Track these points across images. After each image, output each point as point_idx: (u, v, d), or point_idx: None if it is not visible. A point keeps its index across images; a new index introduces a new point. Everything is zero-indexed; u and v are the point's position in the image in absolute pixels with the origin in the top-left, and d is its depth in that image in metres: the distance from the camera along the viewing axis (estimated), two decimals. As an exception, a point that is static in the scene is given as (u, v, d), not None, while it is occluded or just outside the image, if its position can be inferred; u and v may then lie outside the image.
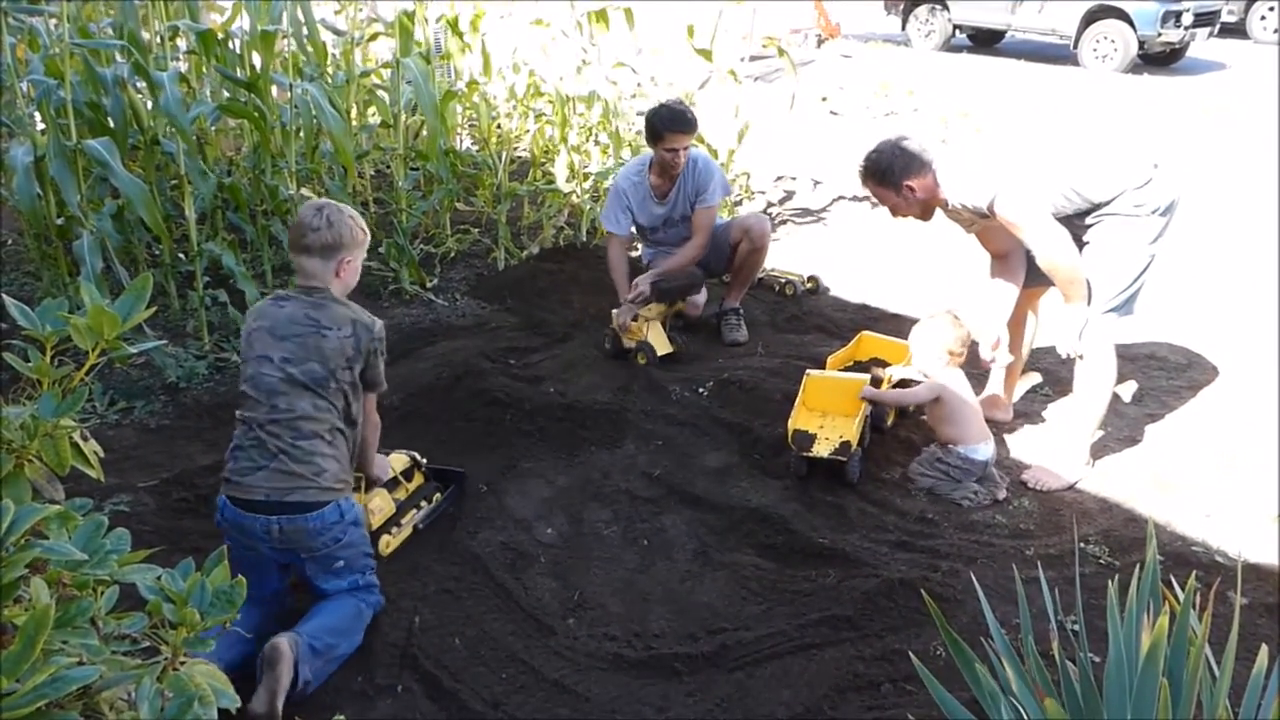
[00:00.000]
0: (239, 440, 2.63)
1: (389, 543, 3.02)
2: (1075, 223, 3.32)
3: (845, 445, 3.39)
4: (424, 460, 3.31)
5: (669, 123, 4.46)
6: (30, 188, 4.07)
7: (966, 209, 3.36)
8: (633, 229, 4.90)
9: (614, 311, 4.51)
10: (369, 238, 2.81)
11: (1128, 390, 4.14)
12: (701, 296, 4.88)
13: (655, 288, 4.43)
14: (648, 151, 4.77)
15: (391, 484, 3.15)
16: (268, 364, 2.62)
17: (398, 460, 3.21)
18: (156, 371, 4.14)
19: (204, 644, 1.26)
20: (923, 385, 3.58)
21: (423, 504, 3.23)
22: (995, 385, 3.98)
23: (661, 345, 4.44)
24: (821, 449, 3.42)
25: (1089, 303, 3.29)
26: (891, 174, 3.41)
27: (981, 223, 3.46)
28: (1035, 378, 4.24)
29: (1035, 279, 3.53)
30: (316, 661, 2.46)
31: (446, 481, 3.38)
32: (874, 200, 4.05)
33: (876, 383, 3.86)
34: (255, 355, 2.65)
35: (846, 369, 4.10)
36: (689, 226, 4.71)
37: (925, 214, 3.52)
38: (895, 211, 3.54)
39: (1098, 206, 3.26)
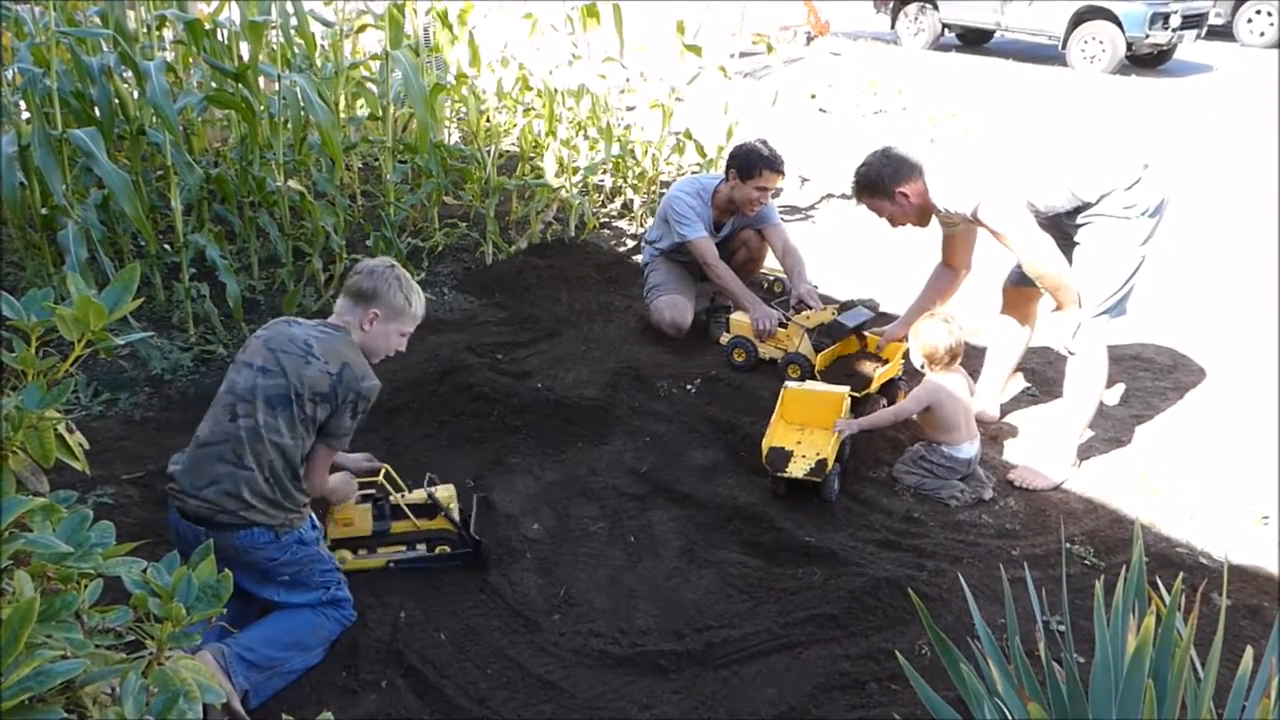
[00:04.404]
0: (191, 452, 2.51)
1: (348, 560, 2.89)
2: (1065, 223, 3.33)
3: (821, 465, 3.28)
4: (457, 514, 2.97)
5: (770, 162, 4.31)
6: (14, 177, 4.03)
7: (952, 214, 3.37)
8: (657, 245, 4.74)
9: (735, 317, 4.29)
10: (411, 310, 2.76)
11: (1114, 392, 4.16)
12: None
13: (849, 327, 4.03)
14: (702, 176, 4.65)
15: (396, 511, 2.94)
16: (247, 370, 2.55)
17: (444, 493, 2.99)
18: (141, 363, 4.11)
19: (189, 638, 1.24)
20: (910, 399, 3.54)
21: (419, 547, 2.98)
22: (983, 387, 3.99)
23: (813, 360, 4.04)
24: (796, 469, 3.31)
25: (1080, 305, 3.29)
26: (883, 183, 3.41)
27: (963, 226, 3.47)
28: (1022, 379, 4.25)
29: (1029, 281, 3.53)
30: (254, 675, 2.38)
31: (463, 545, 2.99)
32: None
33: (865, 382, 3.86)
34: (241, 360, 2.59)
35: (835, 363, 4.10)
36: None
37: (922, 219, 3.52)
38: (894, 221, 3.54)
39: (1087, 205, 3.27)
